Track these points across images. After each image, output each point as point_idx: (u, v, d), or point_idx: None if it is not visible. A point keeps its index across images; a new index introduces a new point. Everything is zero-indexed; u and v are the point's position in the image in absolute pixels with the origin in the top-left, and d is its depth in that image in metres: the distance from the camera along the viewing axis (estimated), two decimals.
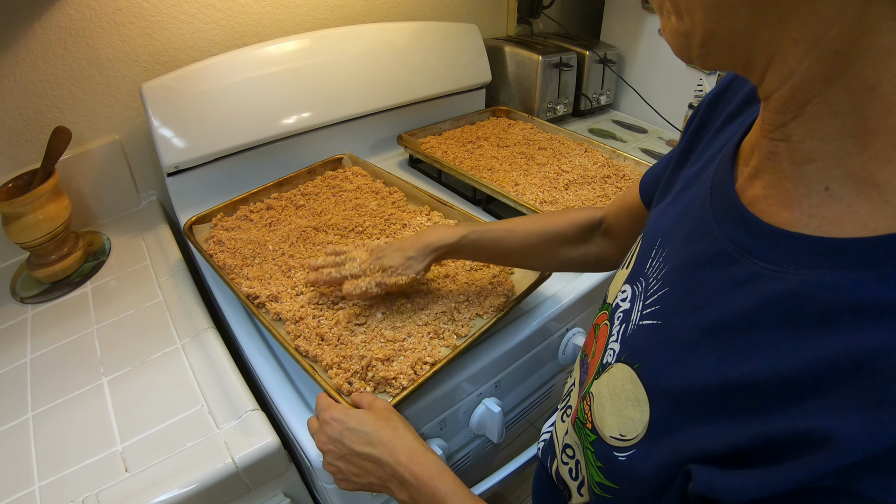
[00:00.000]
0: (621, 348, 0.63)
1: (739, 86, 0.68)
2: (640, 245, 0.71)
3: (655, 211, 0.74)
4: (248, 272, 1.29)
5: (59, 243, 1.45)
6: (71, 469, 1.00)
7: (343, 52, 1.78)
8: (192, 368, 1.18)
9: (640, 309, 0.63)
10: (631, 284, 0.68)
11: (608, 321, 0.71)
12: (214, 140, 1.58)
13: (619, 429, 0.58)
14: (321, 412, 0.92)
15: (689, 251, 0.58)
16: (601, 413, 0.61)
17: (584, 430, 0.65)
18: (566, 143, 1.89)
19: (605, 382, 0.63)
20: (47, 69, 1.46)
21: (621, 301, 0.69)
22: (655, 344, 0.57)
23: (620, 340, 0.64)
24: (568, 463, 0.74)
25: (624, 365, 0.60)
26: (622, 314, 0.67)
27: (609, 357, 0.65)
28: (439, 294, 1.21)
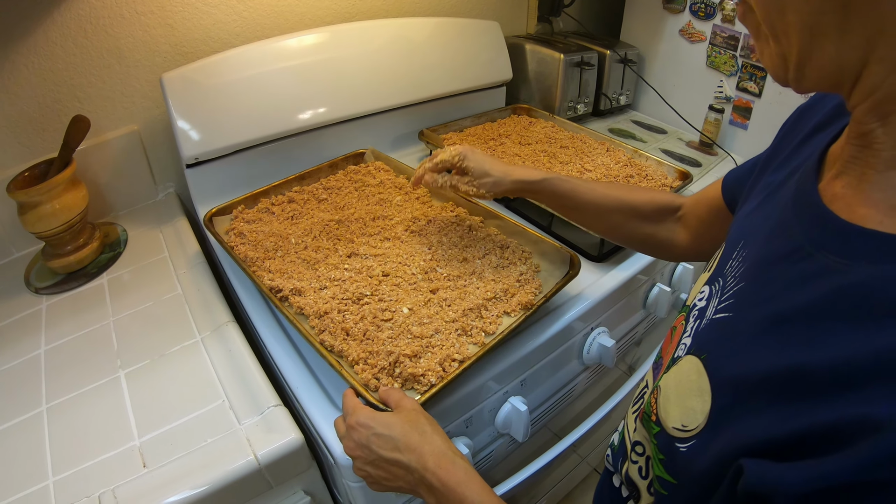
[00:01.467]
0: (692, 342, 0.66)
1: (829, 99, 0.71)
2: (724, 248, 0.74)
3: (740, 214, 0.76)
4: (271, 265, 1.27)
5: (75, 234, 1.43)
6: (86, 464, 0.98)
7: (363, 47, 1.76)
8: (213, 363, 1.16)
9: (716, 305, 0.65)
10: (710, 285, 0.71)
11: (685, 321, 0.74)
12: (234, 132, 1.56)
13: (682, 419, 0.59)
14: (348, 416, 0.90)
15: (767, 249, 0.61)
16: (666, 405, 0.63)
17: (650, 423, 0.67)
18: (588, 142, 1.86)
19: (672, 375, 0.65)
20: (66, 58, 1.44)
21: (698, 301, 0.72)
22: (723, 335, 0.60)
23: (693, 335, 0.67)
24: (637, 461, 0.74)
25: (692, 357, 0.62)
26: (697, 312, 0.70)
27: (680, 351, 0.67)
28: (466, 291, 1.19)
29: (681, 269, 1.63)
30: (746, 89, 1.98)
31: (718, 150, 2.08)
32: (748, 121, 2.03)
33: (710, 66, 2.08)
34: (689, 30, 2.08)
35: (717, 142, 2.08)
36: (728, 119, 2.09)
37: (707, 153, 2.07)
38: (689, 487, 0.57)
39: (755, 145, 2.05)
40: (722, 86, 2.06)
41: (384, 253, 1.30)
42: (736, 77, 2.01)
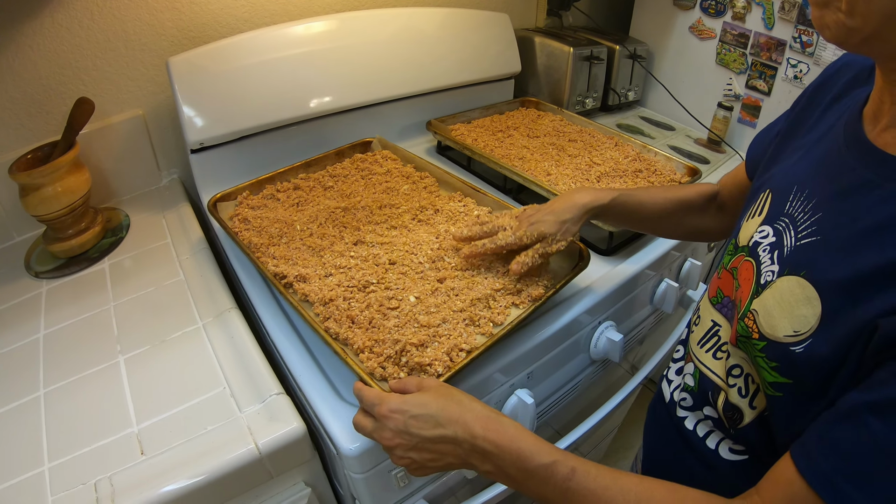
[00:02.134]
0: (781, 267, 0.77)
1: (841, 75, 0.88)
2: (771, 196, 0.86)
3: (777, 170, 0.90)
4: (275, 251, 1.25)
5: (77, 217, 1.42)
6: (83, 450, 0.97)
7: (372, 35, 1.75)
8: (214, 349, 1.15)
9: (794, 235, 0.77)
10: (770, 225, 0.83)
11: (749, 258, 0.85)
12: (240, 118, 1.55)
13: (793, 327, 0.71)
14: (376, 407, 0.87)
15: (835, 186, 0.74)
16: (770, 320, 0.75)
17: (751, 342, 0.77)
18: (596, 136, 1.85)
19: (768, 296, 0.76)
20: (72, 40, 1.43)
21: (762, 239, 0.83)
22: (818, 254, 0.72)
23: (777, 262, 0.78)
24: (736, 383, 0.83)
25: (788, 277, 0.74)
26: (769, 246, 0.81)
27: (768, 277, 0.78)
28: (474, 281, 1.17)
29: (688, 266, 1.62)
30: (756, 87, 1.97)
31: (726, 148, 2.07)
32: (757, 119, 2.03)
33: (720, 64, 2.07)
34: (700, 26, 2.07)
35: (726, 139, 2.07)
36: (737, 117, 2.08)
37: (715, 150, 2.06)
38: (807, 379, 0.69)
39: None
40: (731, 83, 2.06)
41: (391, 241, 1.28)
42: (745, 75, 2.00)
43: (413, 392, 0.89)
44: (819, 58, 1.75)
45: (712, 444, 0.90)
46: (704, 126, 2.12)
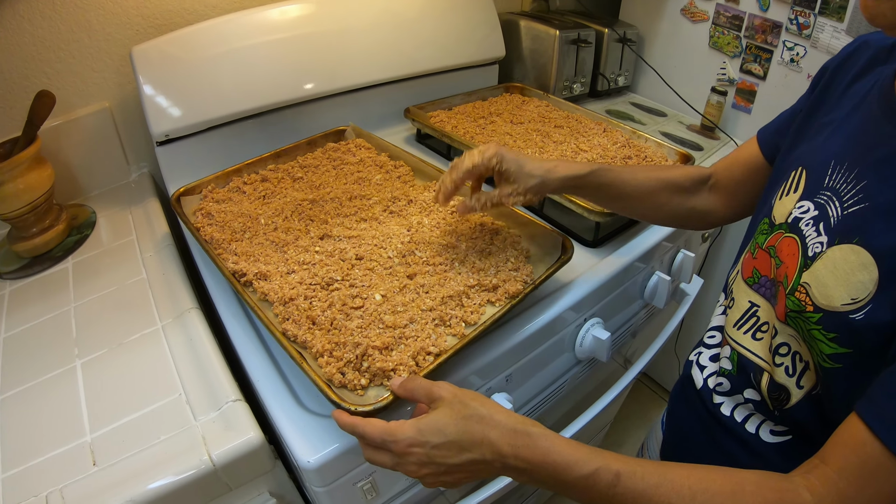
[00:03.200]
0: (830, 237, 0.77)
1: (860, 54, 0.90)
2: (806, 172, 0.87)
3: (806, 147, 0.91)
4: (237, 247, 1.19)
5: (40, 215, 1.38)
6: (35, 461, 0.93)
7: (349, 20, 1.70)
8: (172, 352, 1.10)
9: (839, 206, 0.78)
10: (810, 200, 0.83)
11: (791, 234, 0.84)
12: (209, 108, 1.50)
13: (850, 294, 0.71)
14: (391, 444, 0.79)
15: (876, 154, 0.76)
16: (825, 291, 0.75)
17: (804, 316, 0.78)
18: (584, 122, 1.80)
19: (819, 268, 0.77)
20: (34, 31, 1.38)
21: (802, 214, 0.83)
22: (869, 219, 0.73)
23: (825, 232, 0.78)
24: (782, 363, 0.83)
25: (840, 246, 0.75)
26: (812, 220, 0.81)
27: (816, 249, 0.78)
28: (447, 277, 1.11)
29: (681, 257, 1.56)
30: (751, 71, 1.93)
31: (720, 134, 2.03)
32: (752, 104, 1.99)
33: (713, 47, 2.04)
34: (692, 9, 2.03)
35: (720, 125, 2.04)
36: (731, 102, 2.05)
37: (709, 137, 2.02)
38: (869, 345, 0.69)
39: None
40: (725, 67, 2.02)
41: (359, 235, 1.22)
42: (740, 59, 1.96)
43: (423, 402, 0.84)
44: (816, 40, 1.70)
45: (752, 428, 0.91)
46: (697, 112, 2.07)
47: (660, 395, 3.07)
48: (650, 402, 3.04)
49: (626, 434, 2.84)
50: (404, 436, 0.78)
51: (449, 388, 0.82)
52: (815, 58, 1.74)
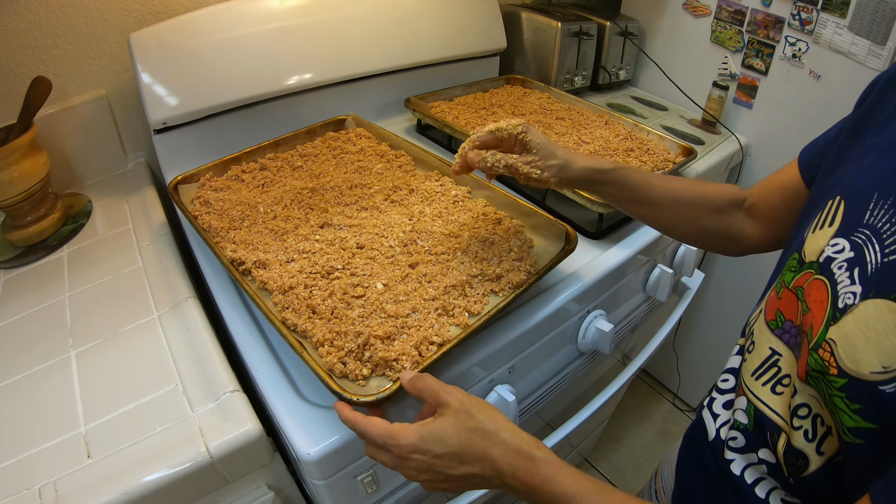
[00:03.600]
0: (865, 288, 0.65)
1: None
2: (845, 203, 0.74)
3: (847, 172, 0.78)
4: (235, 236, 1.17)
5: (35, 203, 1.37)
6: (28, 452, 0.91)
7: (350, 9, 1.68)
8: (169, 342, 1.08)
9: (879, 250, 0.66)
10: (846, 237, 0.71)
11: (820, 276, 0.73)
12: (207, 96, 1.48)
13: (882, 361, 0.60)
14: (392, 446, 0.79)
15: None
16: (852, 353, 0.63)
17: (826, 379, 0.66)
18: (585, 115, 1.79)
19: (850, 324, 0.65)
20: (30, 18, 1.37)
21: (836, 254, 0.72)
22: None
23: (860, 282, 0.66)
24: (801, 425, 0.73)
25: (875, 300, 0.63)
26: (845, 262, 0.70)
27: (848, 300, 0.66)
28: (449, 266, 1.10)
29: (683, 250, 1.56)
30: (752, 66, 1.92)
31: (721, 129, 2.02)
32: (753, 99, 1.98)
33: (715, 42, 2.02)
34: (694, 3, 2.02)
35: (721, 120, 2.02)
36: (732, 97, 2.03)
37: (710, 131, 2.01)
38: None
39: (761, 125, 2.00)
40: (726, 62, 2.01)
41: (360, 223, 1.20)
42: (741, 53, 1.95)
43: (429, 401, 0.83)
44: (818, 36, 1.69)
45: (762, 493, 0.80)
46: (699, 106, 2.07)
47: (657, 390, 3.07)
48: (648, 398, 3.04)
49: (624, 429, 2.84)
50: (406, 441, 0.78)
51: (457, 394, 0.81)
52: (817, 53, 1.73)
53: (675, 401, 3.02)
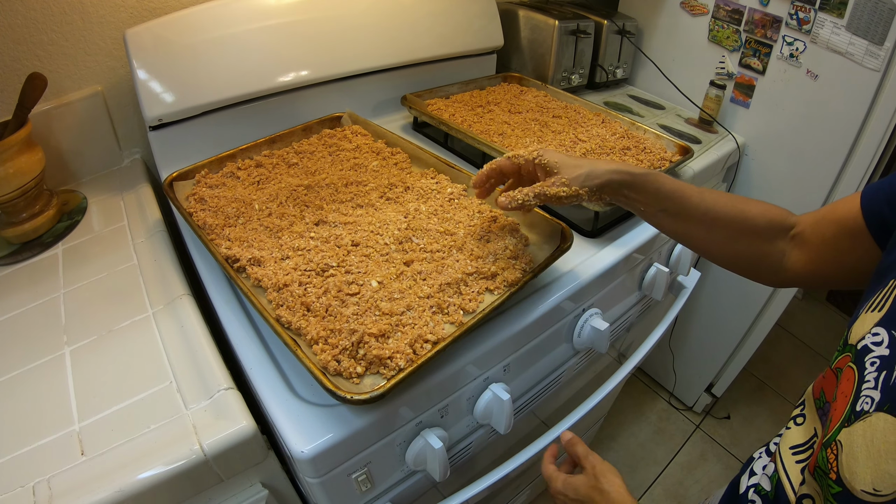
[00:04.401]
0: (883, 397, 0.60)
1: None
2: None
3: None
4: (230, 233, 1.17)
5: (30, 200, 1.36)
6: (22, 450, 0.91)
7: (346, 6, 1.68)
8: (163, 339, 1.08)
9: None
10: (888, 330, 0.65)
11: (853, 364, 0.67)
12: (203, 92, 1.48)
13: (874, 483, 0.57)
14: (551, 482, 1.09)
15: None
16: (852, 465, 0.59)
17: (827, 481, 0.63)
18: (582, 113, 1.79)
19: (859, 432, 0.60)
20: (26, 13, 1.36)
21: (873, 345, 0.65)
22: None
23: (881, 389, 0.61)
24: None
25: (887, 415, 0.58)
26: (878, 360, 0.63)
27: (865, 405, 0.62)
28: (444, 264, 1.10)
29: (679, 249, 1.56)
30: (749, 66, 1.93)
31: (718, 128, 2.03)
32: (750, 99, 1.99)
33: (712, 41, 2.03)
34: (692, 2, 2.03)
35: (718, 119, 2.03)
36: (729, 96, 2.04)
37: (707, 131, 2.01)
38: None
39: (758, 124, 2.01)
40: (724, 61, 2.02)
41: (355, 221, 1.20)
42: (739, 53, 1.96)
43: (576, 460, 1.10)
44: (816, 36, 1.69)
45: None
46: (696, 105, 2.08)
47: (653, 389, 3.08)
48: (644, 396, 3.05)
49: (620, 427, 2.85)
50: (555, 485, 1.07)
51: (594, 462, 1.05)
52: (814, 53, 1.73)
53: (671, 400, 3.03)
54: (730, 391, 2.85)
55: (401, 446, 1.03)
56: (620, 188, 0.99)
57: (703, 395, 2.88)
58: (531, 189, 1.00)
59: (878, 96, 1.64)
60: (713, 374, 2.75)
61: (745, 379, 3.10)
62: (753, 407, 3.02)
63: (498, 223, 1.21)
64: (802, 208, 1.82)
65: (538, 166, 1.03)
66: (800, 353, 3.37)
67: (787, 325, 3.47)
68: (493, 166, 1.06)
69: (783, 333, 3.47)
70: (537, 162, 1.02)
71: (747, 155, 2.06)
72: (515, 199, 1.00)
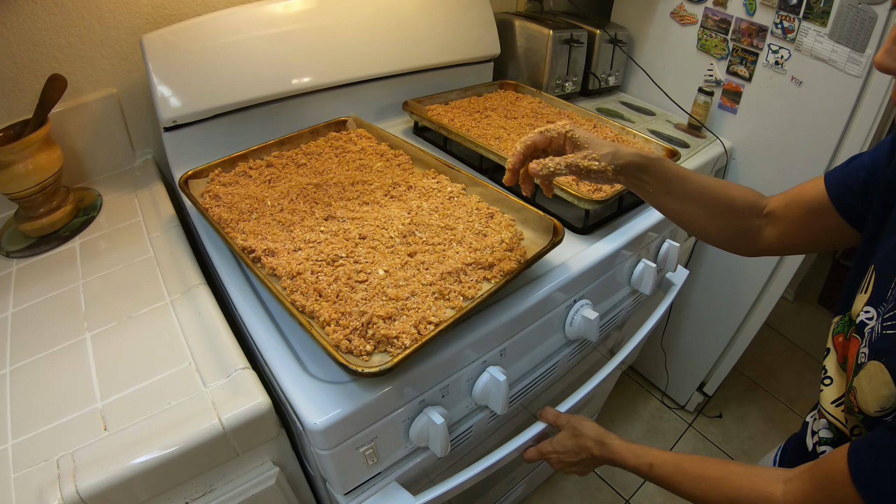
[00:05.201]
0: (870, 351, 0.81)
1: None
2: (875, 275, 0.87)
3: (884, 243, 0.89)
4: (245, 227, 1.23)
5: (48, 196, 1.40)
6: (47, 426, 0.95)
7: (351, 15, 1.73)
8: (181, 324, 1.13)
9: (882, 322, 0.80)
10: (874, 307, 0.85)
11: (857, 335, 0.87)
12: (214, 96, 1.53)
13: (880, 404, 0.76)
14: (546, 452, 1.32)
15: None
16: (864, 398, 0.79)
17: (854, 413, 0.83)
18: (575, 119, 1.84)
19: (863, 377, 0.81)
20: (46, 17, 1.40)
21: (867, 319, 0.85)
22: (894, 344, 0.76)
23: (868, 346, 0.82)
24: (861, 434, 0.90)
25: (875, 361, 0.78)
26: (869, 330, 0.84)
27: (862, 359, 0.83)
28: (445, 255, 1.16)
29: (667, 247, 1.60)
30: (736, 73, 1.97)
31: (707, 133, 2.07)
32: (737, 105, 2.02)
33: (701, 49, 2.07)
34: (681, 12, 2.06)
35: (706, 125, 2.07)
36: (717, 103, 2.08)
37: (695, 135, 2.05)
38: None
39: (744, 129, 2.05)
40: (712, 69, 2.06)
41: (362, 217, 1.26)
42: (726, 61, 2.00)
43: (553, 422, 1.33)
44: (800, 44, 1.74)
45: None
46: (685, 111, 2.11)
47: (646, 388, 3.10)
48: (637, 395, 3.08)
49: (613, 426, 2.86)
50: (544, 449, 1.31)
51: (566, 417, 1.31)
52: (798, 60, 1.78)
53: (664, 398, 3.06)
54: (722, 391, 2.89)
55: (405, 423, 1.08)
56: (637, 171, 1.06)
57: (696, 394, 2.91)
58: (563, 159, 1.02)
59: (860, 101, 1.69)
60: (705, 373, 2.78)
61: (737, 379, 3.15)
62: (745, 406, 3.05)
63: (495, 219, 1.27)
64: None
65: (568, 140, 1.07)
66: (791, 355, 3.40)
67: (778, 327, 3.51)
68: (527, 143, 1.07)
69: (774, 335, 3.50)
70: (569, 136, 1.06)
71: (735, 159, 2.11)
72: (547, 167, 1.02)
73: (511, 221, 1.28)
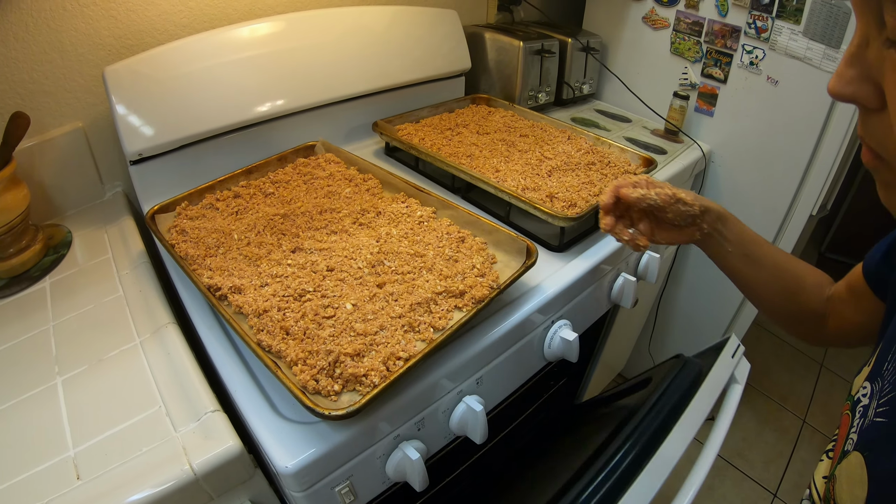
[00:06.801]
0: (858, 438, 0.73)
1: None
2: (881, 345, 0.79)
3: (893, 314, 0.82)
4: (211, 262, 1.21)
5: (17, 236, 1.38)
6: (20, 477, 0.93)
7: (318, 36, 1.72)
8: (150, 366, 1.11)
9: (875, 407, 0.73)
10: (871, 382, 0.77)
11: (850, 412, 0.80)
12: (181, 126, 1.51)
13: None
14: None
15: None
16: (840, 492, 0.73)
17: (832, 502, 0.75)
18: (548, 131, 1.83)
19: (844, 466, 0.73)
20: (7, 53, 1.39)
21: (862, 396, 0.78)
22: (881, 438, 0.68)
23: (859, 432, 0.74)
24: None
25: (858, 453, 0.71)
26: (862, 409, 0.76)
27: (849, 445, 0.75)
28: (415, 284, 1.14)
29: (646, 258, 1.59)
30: (711, 75, 1.97)
31: (684, 138, 2.07)
32: (714, 107, 2.03)
33: (675, 53, 2.08)
34: (653, 16, 2.07)
35: (683, 129, 2.07)
36: (693, 106, 2.09)
37: (672, 140, 2.06)
38: None
39: (722, 132, 2.06)
40: (686, 72, 2.07)
41: (330, 247, 1.25)
42: (701, 63, 2.01)
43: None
44: (774, 43, 1.75)
45: None
46: (661, 117, 2.13)
47: None
48: None
49: None
50: None
51: None
52: (773, 60, 1.79)
53: None
54: None
55: (381, 459, 1.05)
56: (717, 220, 1.07)
57: None
58: (663, 188, 1.03)
59: None
60: None
61: None
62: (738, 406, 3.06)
63: (466, 244, 1.26)
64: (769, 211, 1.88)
65: None
66: (781, 352, 3.40)
67: (766, 324, 3.51)
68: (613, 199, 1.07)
69: (763, 333, 3.50)
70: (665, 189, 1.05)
71: (714, 162, 2.11)
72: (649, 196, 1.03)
73: (483, 245, 1.27)
